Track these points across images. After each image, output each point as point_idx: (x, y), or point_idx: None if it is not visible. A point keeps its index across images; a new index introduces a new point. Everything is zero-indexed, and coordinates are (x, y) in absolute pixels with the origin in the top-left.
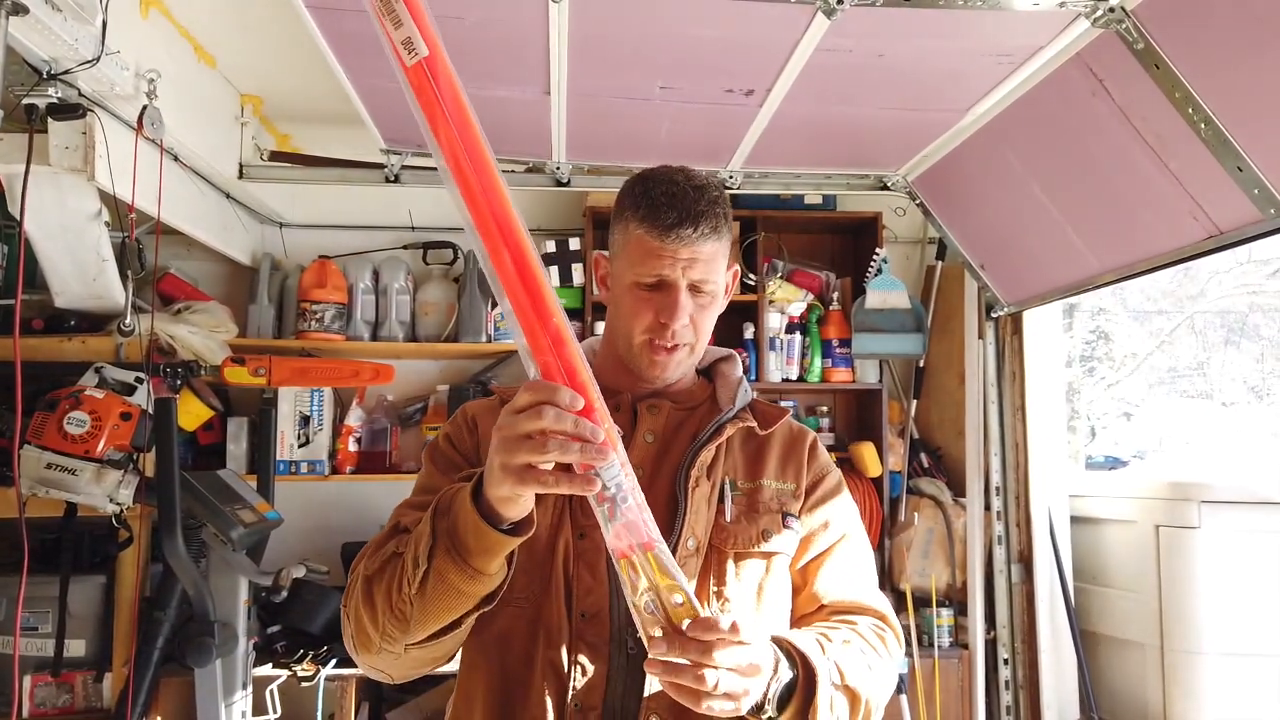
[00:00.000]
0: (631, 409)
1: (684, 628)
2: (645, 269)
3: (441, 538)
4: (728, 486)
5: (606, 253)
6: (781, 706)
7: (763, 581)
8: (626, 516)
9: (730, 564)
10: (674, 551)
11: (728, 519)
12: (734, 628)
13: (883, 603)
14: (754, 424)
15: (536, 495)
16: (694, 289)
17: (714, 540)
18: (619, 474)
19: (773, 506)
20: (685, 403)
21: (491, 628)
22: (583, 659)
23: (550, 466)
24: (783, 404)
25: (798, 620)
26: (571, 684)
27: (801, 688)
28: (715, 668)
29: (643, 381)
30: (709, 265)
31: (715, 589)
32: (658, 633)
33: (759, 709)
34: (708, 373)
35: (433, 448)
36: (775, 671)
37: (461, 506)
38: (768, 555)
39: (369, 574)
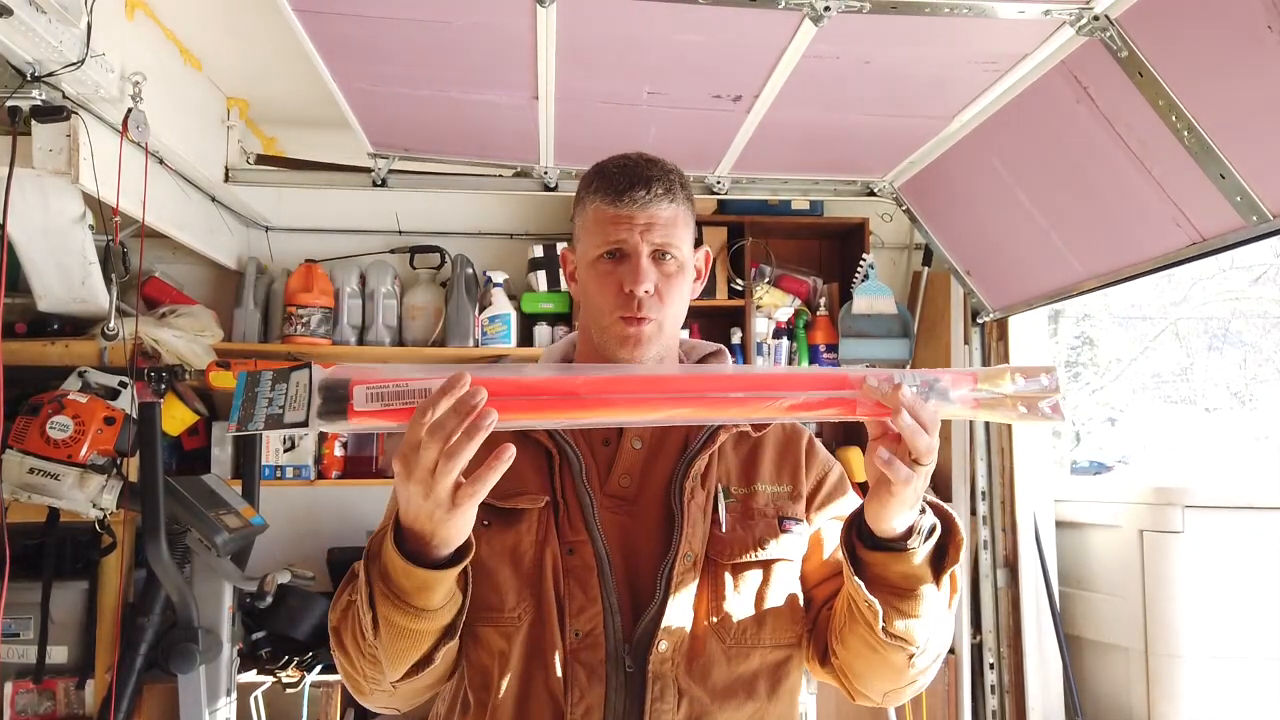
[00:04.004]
0: None
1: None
2: (603, 238)
3: (376, 583)
4: (721, 494)
5: (572, 248)
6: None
7: (762, 590)
8: None
9: (728, 576)
10: (671, 566)
11: (723, 529)
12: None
13: None
14: (747, 427)
15: (520, 511)
16: (656, 257)
17: (710, 552)
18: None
19: (768, 512)
20: None
21: (480, 647)
22: (579, 681)
23: (459, 467)
24: None
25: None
26: (569, 707)
27: (943, 532)
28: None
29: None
30: (668, 230)
31: (713, 602)
32: None
33: (908, 535)
34: None
35: None
36: (923, 511)
37: (385, 548)
38: (766, 564)
39: (335, 625)
